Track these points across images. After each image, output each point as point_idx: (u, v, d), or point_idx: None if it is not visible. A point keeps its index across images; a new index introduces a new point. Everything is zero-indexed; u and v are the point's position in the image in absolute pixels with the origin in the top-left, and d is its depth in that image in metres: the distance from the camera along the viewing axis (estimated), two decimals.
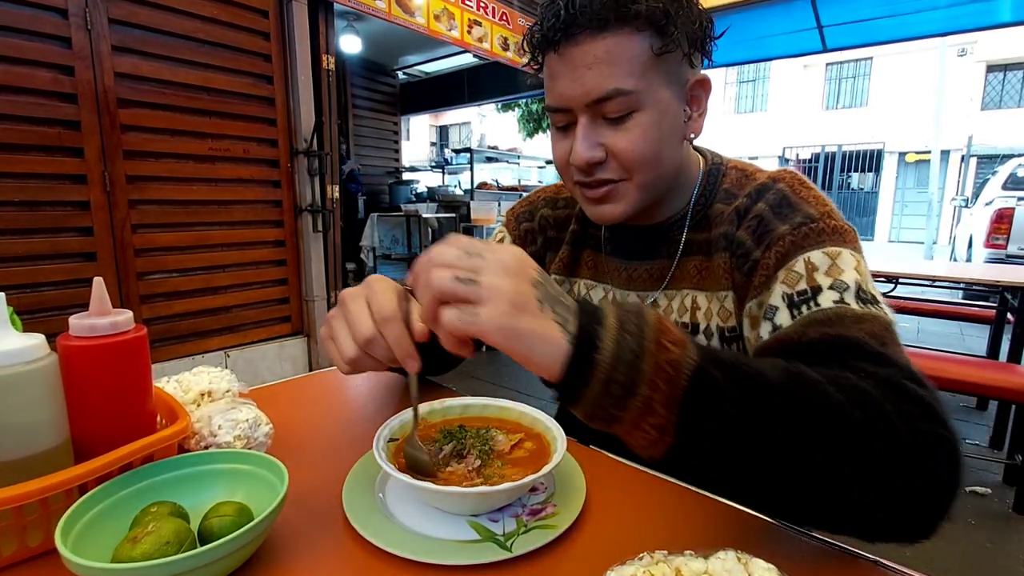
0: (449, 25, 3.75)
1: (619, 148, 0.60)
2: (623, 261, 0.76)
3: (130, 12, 2.24)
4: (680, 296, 0.69)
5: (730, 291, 0.64)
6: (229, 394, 0.67)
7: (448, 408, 0.68)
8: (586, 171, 0.62)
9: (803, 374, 0.41)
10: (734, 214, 0.64)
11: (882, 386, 0.41)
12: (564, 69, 0.59)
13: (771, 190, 0.62)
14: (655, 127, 0.59)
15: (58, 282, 2.16)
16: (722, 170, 0.71)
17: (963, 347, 3.93)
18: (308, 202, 2.95)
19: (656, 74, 0.58)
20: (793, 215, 0.58)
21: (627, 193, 0.63)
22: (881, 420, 0.39)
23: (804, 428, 0.38)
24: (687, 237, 0.69)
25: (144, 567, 0.37)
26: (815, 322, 0.51)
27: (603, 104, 0.58)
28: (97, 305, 0.52)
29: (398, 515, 0.52)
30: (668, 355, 0.38)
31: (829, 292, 0.52)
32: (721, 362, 0.39)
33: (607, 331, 0.38)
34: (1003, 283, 2.23)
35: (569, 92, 0.59)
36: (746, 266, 0.61)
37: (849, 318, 0.50)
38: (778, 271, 0.56)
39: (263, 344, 2.87)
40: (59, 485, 0.45)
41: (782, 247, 0.57)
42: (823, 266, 0.54)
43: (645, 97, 0.58)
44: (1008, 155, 9.35)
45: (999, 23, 3.87)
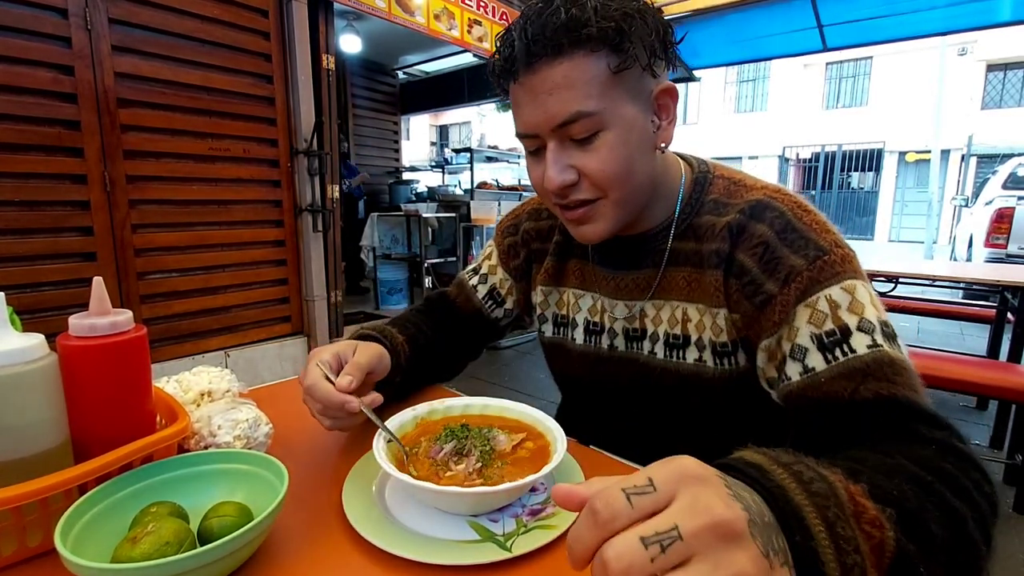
0: (449, 25, 3.75)
1: (589, 169, 0.60)
2: (610, 271, 0.76)
3: (130, 12, 2.24)
4: (669, 307, 0.70)
5: (722, 308, 0.64)
6: (229, 394, 0.67)
7: (449, 408, 0.68)
8: (560, 194, 0.63)
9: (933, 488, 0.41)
10: (726, 231, 0.63)
11: (950, 457, 0.45)
12: (526, 97, 0.60)
13: (770, 209, 0.62)
14: (623, 144, 0.59)
15: (58, 282, 2.16)
16: (709, 179, 0.70)
17: (963, 347, 3.93)
18: (308, 202, 2.95)
19: (617, 91, 0.58)
20: (804, 246, 0.58)
21: (605, 212, 0.64)
22: (973, 503, 0.42)
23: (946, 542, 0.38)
24: (672, 246, 0.69)
25: (144, 567, 0.37)
26: (856, 374, 0.52)
27: (568, 127, 0.59)
28: (97, 305, 0.52)
29: (398, 515, 0.52)
30: (873, 541, 0.34)
31: (860, 335, 0.54)
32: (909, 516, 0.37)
33: (822, 547, 0.32)
34: (1003, 283, 2.23)
35: (533, 119, 0.60)
36: (757, 297, 0.60)
37: (887, 367, 0.52)
38: (797, 306, 0.57)
39: (263, 344, 2.87)
40: (59, 485, 0.45)
41: (800, 283, 0.57)
42: (844, 303, 0.55)
43: (608, 116, 0.58)
44: (1008, 154, 9.35)
45: (999, 22, 3.87)
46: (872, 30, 4.23)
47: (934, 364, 2.01)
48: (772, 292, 0.59)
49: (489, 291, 0.91)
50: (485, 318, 0.92)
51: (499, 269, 0.91)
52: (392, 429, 0.61)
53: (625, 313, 0.74)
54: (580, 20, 0.55)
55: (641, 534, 0.26)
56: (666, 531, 0.26)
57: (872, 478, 0.39)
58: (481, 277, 0.92)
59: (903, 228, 15.55)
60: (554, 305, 0.84)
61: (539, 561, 0.46)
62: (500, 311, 0.92)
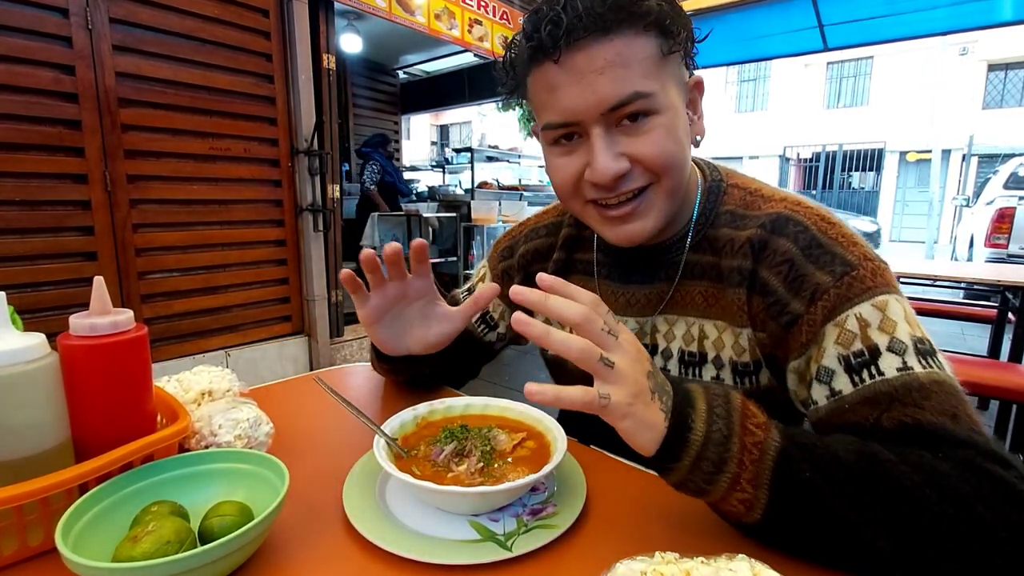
0: (450, 24, 3.75)
1: (644, 154, 0.56)
2: (620, 285, 0.73)
3: (131, 12, 2.24)
4: (684, 322, 0.66)
5: (746, 328, 0.60)
6: (230, 393, 0.67)
7: (449, 408, 0.68)
8: (610, 186, 0.58)
9: (877, 456, 0.43)
10: (748, 247, 0.60)
11: (960, 467, 0.42)
12: (569, 79, 0.55)
13: (793, 223, 0.58)
14: (675, 127, 0.57)
15: (59, 281, 2.16)
16: (723, 187, 0.67)
17: (964, 347, 3.92)
18: (309, 202, 2.95)
19: (666, 75, 0.56)
20: (831, 262, 0.55)
21: (656, 202, 0.59)
22: (959, 503, 0.40)
23: (879, 509, 0.41)
24: (688, 258, 0.65)
25: (144, 566, 0.37)
26: (882, 398, 0.49)
27: (620, 110, 0.55)
28: (98, 304, 0.52)
29: (398, 515, 0.52)
30: (753, 438, 0.43)
31: (889, 356, 0.50)
32: (802, 445, 0.44)
33: (699, 414, 0.44)
34: (1004, 283, 2.23)
35: (577, 102, 0.55)
36: (783, 317, 0.57)
37: (916, 392, 0.48)
38: (825, 326, 0.54)
39: (263, 344, 2.87)
40: (60, 484, 0.45)
41: (828, 302, 0.53)
42: (875, 321, 0.52)
43: (662, 99, 0.55)
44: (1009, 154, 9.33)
45: (1000, 22, 3.86)
46: (873, 30, 4.22)
47: None
48: (799, 312, 0.55)
49: (482, 315, 0.88)
50: (478, 341, 0.89)
51: None
52: (393, 429, 0.61)
53: (636, 329, 0.71)
54: None
55: (604, 319, 0.43)
56: (615, 328, 0.44)
57: (806, 436, 0.46)
58: None
59: (904, 228, 15.54)
60: (555, 324, 0.82)
61: (540, 561, 0.46)
62: (493, 335, 0.89)
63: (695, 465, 0.43)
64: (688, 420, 0.43)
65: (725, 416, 0.44)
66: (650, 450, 0.43)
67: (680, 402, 0.44)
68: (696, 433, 0.43)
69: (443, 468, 0.56)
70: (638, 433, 0.43)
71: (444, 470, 0.56)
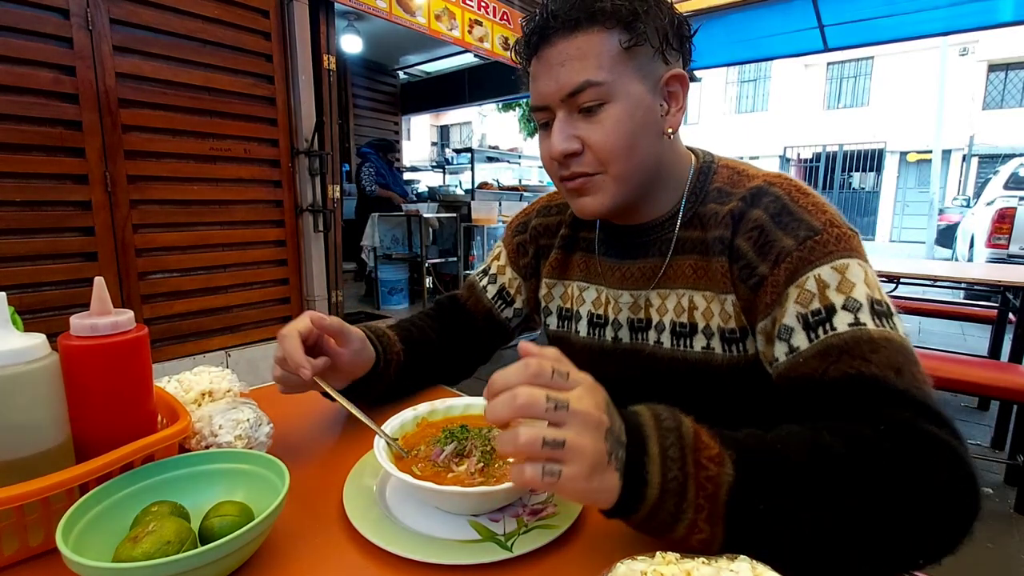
0: (450, 25, 3.75)
1: (593, 140, 0.62)
2: (616, 261, 0.77)
3: (131, 12, 2.24)
4: (675, 295, 0.70)
5: (730, 294, 0.64)
6: (230, 394, 0.67)
7: (450, 408, 0.68)
8: (563, 163, 0.65)
9: (829, 450, 0.44)
10: (729, 217, 0.64)
11: (899, 436, 0.45)
12: (542, 70, 0.63)
13: (767, 195, 0.62)
14: (628, 118, 0.61)
15: (59, 282, 2.16)
16: (713, 168, 0.71)
17: (964, 347, 3.92)
18: (309, 202, 2.95)
19: (626, 67, 0.61)
20: (796, 227, 0.58)
21: (604, 186, 0.65)
22: (903, 480, 0.43)
23: (835, 506, 0.42)
24: (679, 235, 0.69)
25: (145, 567, 0.37)
26: (832, 350, 0.52)
27: (576, 97, 0.61)
28: (98, 305, 0.52)
29: (398, 515, 0.52)
30: (707, 472, 0.42)
31: (843, 313, 0.53)
32: (755, 467, 0.43)
33: (652, 461, 0.42)
34: (1004, 283, 2.23)
35: (546, 90, 0.63)
36: (751, 280, 0.61)
37: (865, 344, 0.51)
38: (788, 287, 0.57)
39: (264, 344, 2.87)
40: (60, 485, 0.45)
41: (790, 264, 0.57)
42: (833, 282, 0.55)
43: (615, 89, 0.61)
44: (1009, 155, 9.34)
45: (1000, 23, 3.86)
46: (873, 30, 4.22)
47: (935, 364, 2.00)
48: (764, 274, 0.59)
49: (499, 291, 0.92)
50: (495, 318, 0.92)
51: (508, 269, 0.92)
52: (393, 428, 0.61)
53: (630, 303, 0.74)
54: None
55: (548, 393, 0.39)
56: (563, 400, 0.40)
57: (756, 436, 0.45)
58: (490, 277, 0.93)
59: (904, 228, 15.53)
60: (559, 298, 0.85)
61: (540, 561, 0.46)
62: (510, 311, 0.92)
63: (651, 515, 0.42)
64: (643, 472, 0.41)
65: (679, 458, 0.42)
66: (606, 507, 0.42)
67: (633, 452, 0.42)
68: (652, 488, 0.41)
69: (443, 468, 0.56)
70: (596, 499, 0.41)
71: (444, 470, 0.56)
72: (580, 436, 0.39)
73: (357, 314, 4.21)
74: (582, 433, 0.39)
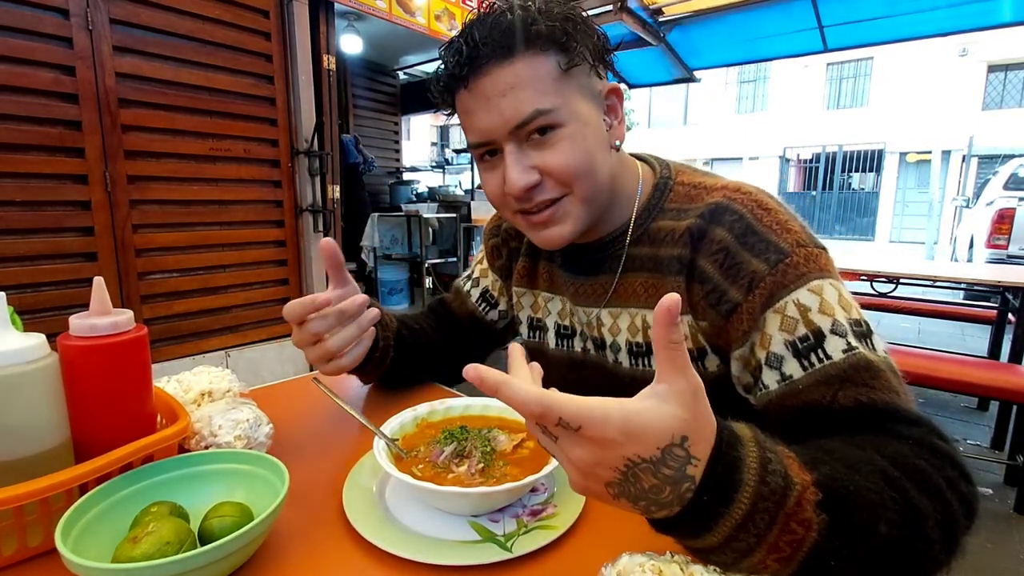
0: (450, 25, 3.75)
1: (551, 166, 0.60)
2: (572, 276, 0.76)
3: (131, 12, 2.24)
4: (627, 314, 0.68)
5: (687, 315, 0.62)
6: (229, 394, 0.67)
7: (449, 408, 0.68)
8: (524, 198, 0.62)
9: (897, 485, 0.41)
10: (687, 236, 0.62)
11: (926, 453, 0.45)
12: (478, 103, 0.60)
13: (728, 212, 0.60)
14: (582, 138, 0.60)
15: (59, 282, 2.16)
16: (670, 185, 0.69)
17: (964, 347, 3.92)
18: (309, 202, 2.95)
19: (569, 89, 0.59)
20: (765, 249, 0.57)
21: (571, 210, 0.63)
22: (941, 502, 0.42)
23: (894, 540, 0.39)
24: (628, 252, 0.68)
25: (144, 567, 0.37)
26: (833, 380, 0.52)
27: (525, 127, 0.59)
28: (98, 305, 0.52)
29: (398, 515, 0.52)
30: (792, 536, 0.36)
31: (833, 338, 0.53)
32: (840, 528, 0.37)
33: (729, 518, 0.35)
34: (1004, 283, 2.23)
35: (488, 124, 0.60)
36: (722, 306, 0.59)
37: (864, 371, 0.51)
38: (765, 312, 0.56)
39: (263, 344, 2.87)
40: (59, 485, 0.45)
41: (764, 288, 0.56)
42: (814, 306, 0.54)
43: (564, 112, 0.59)
44: (1009, 155, 9.32)
45: (1000, 23, 3.86)
46: (873, 31, 4.22)
47: (935, 365, 2.01)
48: (737, 300, 0.57)
49: (482, 294, 0.92)
50: (480, 321, 0.93)
51: (489, 272, 0.92)
52: (393, 429, 0.61)
53: (584, 320, 0.74)
54: (527, 20, 0.57)
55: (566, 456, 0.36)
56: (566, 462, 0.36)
57: (833, 469, 0.40)
58: (474, 281, 0.94)
59: (904, 229, 15.53)
60: (528, 308, 0.85)
61: (540, 561, 0.46)
62: (495, 313, 0.93)
63: (701, 552, 0.38)
64: (710, 523, 0.35)
65: (765, 524, 0.36)
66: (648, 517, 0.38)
67: (713, 499, 0.35)
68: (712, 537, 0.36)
69: (443, 469, 0.56)
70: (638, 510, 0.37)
71: (444, 471, 0.56)
72: (574, 472, 0.36)
73: None
74: (575, 472, 0.36)
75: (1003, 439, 2.36)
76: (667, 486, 0.34)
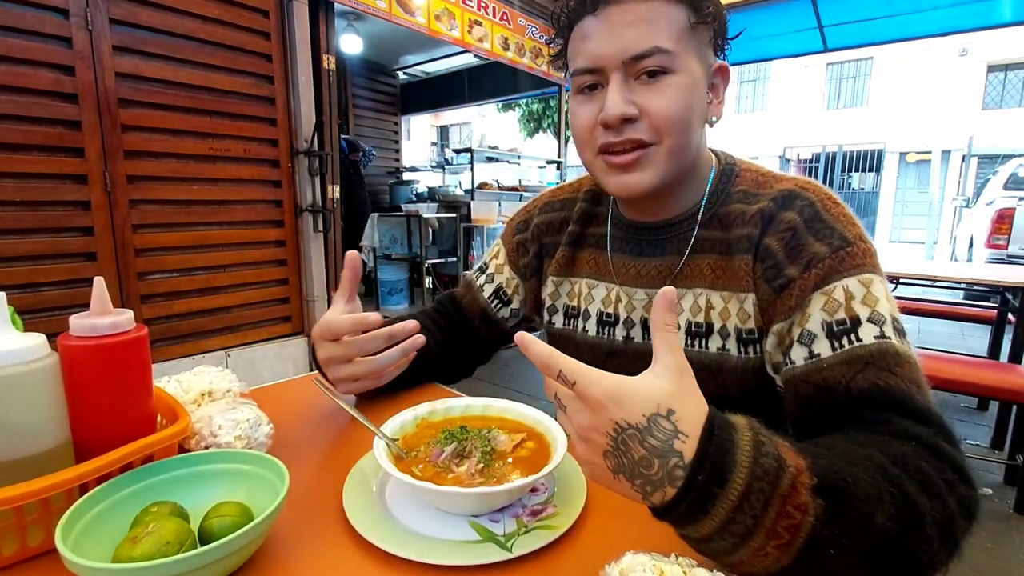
0: (450, 25, 3.75)
1: (652, 107, 0.60)
2: (631, 258, 0.75)
3: (131, 12, 2.24)
4: (692, 294, 0.68)
5: (751, 293, 0.63)
6: (230, 394, 0.67)
7: (449, 408, 0.68)
8: (617, 129, 0.62)
9: (895, 481, 0.41)
10: (759, 217, 0.64)
11: (928, 455, 0.46)
12: (602, 28, 0.60)
13: (800, 199, 0.62)
14: (688, 92, 0.61)
15: (59, 282, 2.16)
16: (736, 171, 0.71)
17: (964, 347, 3.92)
18: (308, 202, 2.95)
19: (690, 43, 0.61)
20: (830, 235, 0.59)
21: (656, 160, 0.63)
22: (940, 501, 0.43)
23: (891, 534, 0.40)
24: (698, 234, 0.69)
25: (144, 567, 0.37)
26: (858, 361, 0.53)
27: (640, 62, 0.59)
28: (98, 305, 0.52)
29: (398, 515, 0.52)
30: (789, 521, 0.36)
31: (869, 326, 0.54)
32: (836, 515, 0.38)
33: (725, 500, 0.36)
34: (1004, 283, 2.23)
35: (606, 49, 0.60)
36: (777, 280, 0.60)
37: (891, 357, 0.52)
38: (814, 293, 0.57)
39: (263, 344, 2.87)
40: (60, 485, 0.45)
41: (821, 270, 0.57)
42: (859, 295, 0.56)
43: (680, 61, 0.60)
44: (1009, 155, 9.33)
45: (1000, 23, 3.86)
46: (873, 31, 4.23)
47: (935, 364, 2.01)
48: (792, 276, 0.59)
49: (495, 290, 0.91)
50: (491, 318, 0.91)
51: (506, 268, 0.91)
52: (393, 429, 0.61)
53: (644, 301, 0.73)
54: None
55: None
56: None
57: (831, 461, 0.40)
58: (488, 276, 0.92)
59: (904, 228, 15.53)
60: (565, 296, 0.84)
61: (540, 561, 0.46)
62: (506, 311, 0.91)
63: (702, 540, 0.38)
64: (707, 504, 0.36)
65: (761, 505, 0.36)
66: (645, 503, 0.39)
67: (708, 479, 0.36)
68: (711, 521, 0.36)
69: (443, 469, 0.56)
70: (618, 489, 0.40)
71: (444, 471, 0.56)
72: (577, 440, 0.40)
73: None
74: (578, 440, 0.40)
75: (1003, 439, 2.36)
76: (655, 459, 0.36)
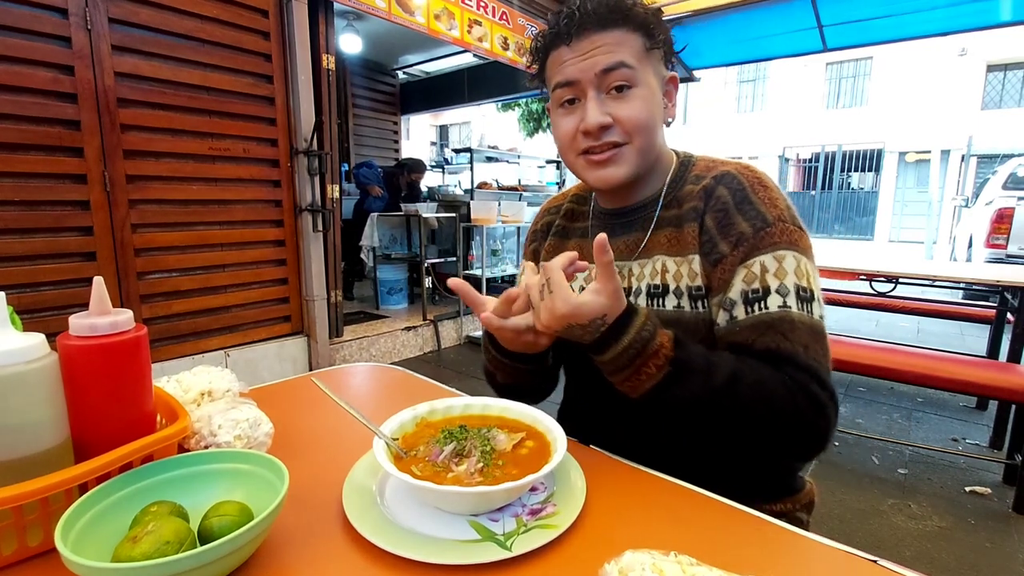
0: (449, 25, 3.75)
1: (623, 115, 0.72)
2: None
3: (130, 12, 2.24)
4: (652, 262, 0.78)
5: (696, 254, 0.74)
6: (229, 394, 0.67)
7: (449, 408, 0.68)
8: (595, 135, 0.73)
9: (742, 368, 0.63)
10: (702, 192, 0.75)
11: (791, 382, 0.62)
12: (574, 55, 0.72)
13: (733, 179, 0.73)
14: (649, 101, 0.73)
15: (58, 282, 2.16)
16: (693, 161, 0.83)
17: (963, 347, 3.93)
18: (308, 202, 2.95)
19: (647, 64, 0.73)
20: (754, 216, 0.69)
21: (628, 156, 0.74)
22: (781, 399, 0.62)
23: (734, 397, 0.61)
24: (660, 215, 0.79)
25: (144, 567, 0.37)
26: (761, 325, 0.66)
27: (609, 74, 0.71)
28: (97, 305, 0.52)
29: (398, 515, 0.52)
30: (647, 370, 0.61)
31: (775, 296, 0.66)
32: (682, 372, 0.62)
33: (617, 346, 0.61)
34: (1003, 283, 2.23)
35: (580, 68, 0.72)
36: (712, 255, 0.71)
37: (787, 324, 0.65)
38: (738, 267, 0.69)
39: (263, 344, 2.87)
40: (59, 485, 0.45)
41: (745, 248, 0.68)
42: (772, 269, 0.67)
43: (641, 76, 0.72)
44: (1008, 155, 9.34)
45: (999, 23, 3.87)
46: (872, 30, 4.23)
47: (934, 364, 2.01)
48: (724, 253, 0.70)
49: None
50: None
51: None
52: (392, 429, 0.61)
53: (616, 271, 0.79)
54: (629, 3, 0.72)
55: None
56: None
57: (697, 351, 0.64)
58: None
59: (903, 228, 15.53)
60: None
61: (539, 561, 0.46)
62: None
63: (610, 362, 0.62)
64: (606, 347, 0.62)
65: (635, 355, 0.61)
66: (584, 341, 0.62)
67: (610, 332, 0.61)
68: (607, 356, 0.62)
69: (443, 468, 0.56)
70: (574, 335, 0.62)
71: (444, 470, 0.56)
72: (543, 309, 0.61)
73: (356, 314, 4.21)
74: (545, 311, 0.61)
75: (1002, 438, 2.36)
76: (588, 332, 0.62)
